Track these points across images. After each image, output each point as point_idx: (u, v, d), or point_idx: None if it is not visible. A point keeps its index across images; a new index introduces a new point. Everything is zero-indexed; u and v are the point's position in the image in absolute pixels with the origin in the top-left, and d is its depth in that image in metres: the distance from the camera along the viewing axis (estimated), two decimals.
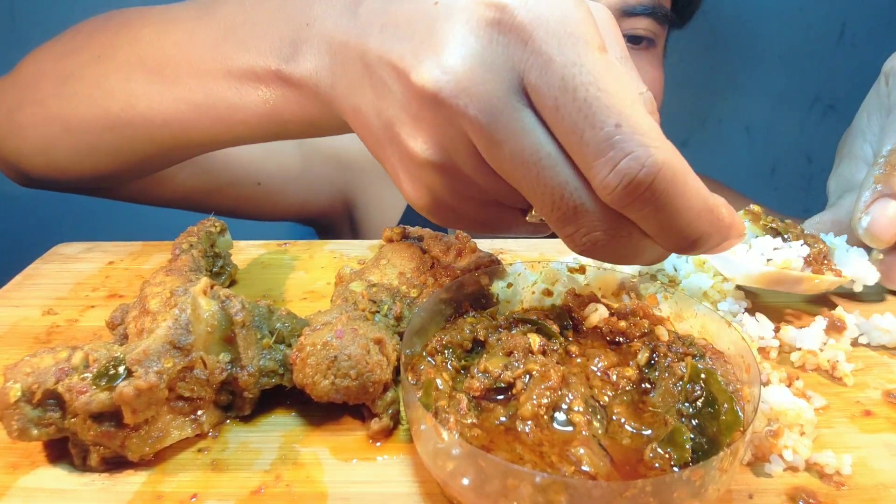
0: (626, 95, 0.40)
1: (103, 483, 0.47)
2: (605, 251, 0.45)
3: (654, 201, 0.40)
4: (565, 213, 0.43)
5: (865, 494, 0.47)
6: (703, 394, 0.46)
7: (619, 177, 0.39)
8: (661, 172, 0.39)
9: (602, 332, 0.53)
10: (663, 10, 0.97)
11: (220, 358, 0.51)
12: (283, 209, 1.15)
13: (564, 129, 0.40)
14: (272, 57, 0.58)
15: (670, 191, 0.39)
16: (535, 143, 0.41)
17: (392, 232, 0.70)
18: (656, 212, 0.40)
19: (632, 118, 0.39)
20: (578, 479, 0.40)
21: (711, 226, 0.42)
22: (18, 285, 0.74)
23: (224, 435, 0.52)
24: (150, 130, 0.70)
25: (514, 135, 0.41)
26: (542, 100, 0.41)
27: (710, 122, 1.63)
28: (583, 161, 0.41)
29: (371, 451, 0.50)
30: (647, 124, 0.39)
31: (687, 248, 0.43)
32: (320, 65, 0.54)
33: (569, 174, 0.42)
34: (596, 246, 0.44)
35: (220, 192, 1.02)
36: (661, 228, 0.42)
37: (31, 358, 0.48)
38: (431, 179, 0.48)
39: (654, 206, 0.40)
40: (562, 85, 0.39)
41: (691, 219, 0.41)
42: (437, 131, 0.45)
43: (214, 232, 0.70)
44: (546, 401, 0.45)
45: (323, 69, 0.54)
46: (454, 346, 0.51)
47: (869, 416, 0.55)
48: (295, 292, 0.73)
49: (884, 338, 0.63)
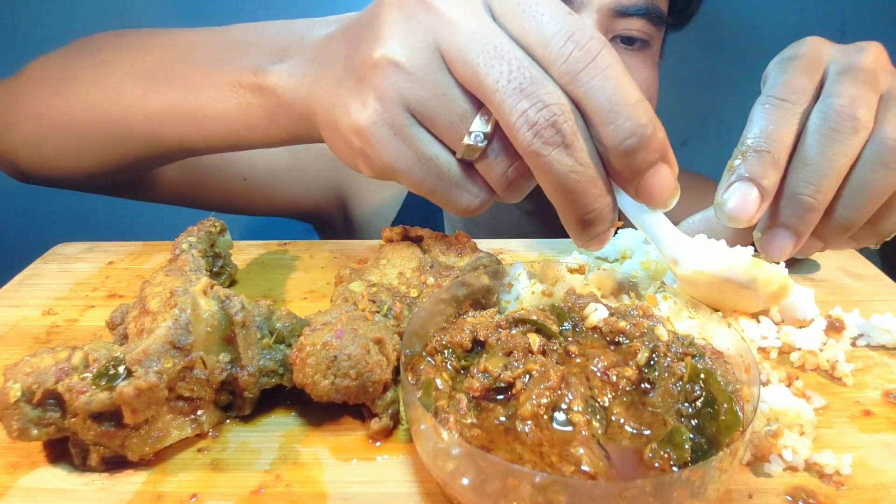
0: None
1: (103, 483, 0.47)
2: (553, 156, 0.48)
3: (602, 69, 0.46)
4: (521, 82, 0.47)
5: (865, 494, 0.47)
6: (702, 394, 0.46)
7: (574, 43, 0.46)
8: (607, 48, 0.47)
9: (602, 332, 0.53)
10: (657, 11, 0.97)
11: (220, 358, 0.51)
12: (273, 204, 1.16)
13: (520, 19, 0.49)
14: (257, 62, 0.64)
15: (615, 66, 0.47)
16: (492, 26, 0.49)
17: (392, 232, 0.70)
18: (605, 80, 0.46)
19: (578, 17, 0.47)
20: (578, 479, 0.40)
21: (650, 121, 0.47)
22: (18, 285, 0.74)
23: (224, 435, 0.52)
24: (131, 127, 0.74)
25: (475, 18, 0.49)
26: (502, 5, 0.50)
27: (710, 122, 1.63)
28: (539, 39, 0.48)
29: (371, 451, 0.50)
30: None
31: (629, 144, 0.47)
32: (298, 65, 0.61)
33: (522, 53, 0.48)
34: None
35: (209, 187, 1.05)
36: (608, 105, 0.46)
37: (31, 358, 0.48)
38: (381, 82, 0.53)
39: (603, 74, 0.46)
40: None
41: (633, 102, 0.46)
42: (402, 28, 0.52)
43: (214, 232, 0.71)
44: (546, 401, 0.45)
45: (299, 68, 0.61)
46: (454, 346, 0.51)
47: (869, 416, 0.55)
48: (295, 292, 0.73)
49: (884, 338, 0.63)
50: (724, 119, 1.62)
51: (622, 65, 0.47)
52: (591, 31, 0.47)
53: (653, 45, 1.02)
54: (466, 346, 0.51)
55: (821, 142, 0.58)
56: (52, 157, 0.82)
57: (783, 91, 0.61)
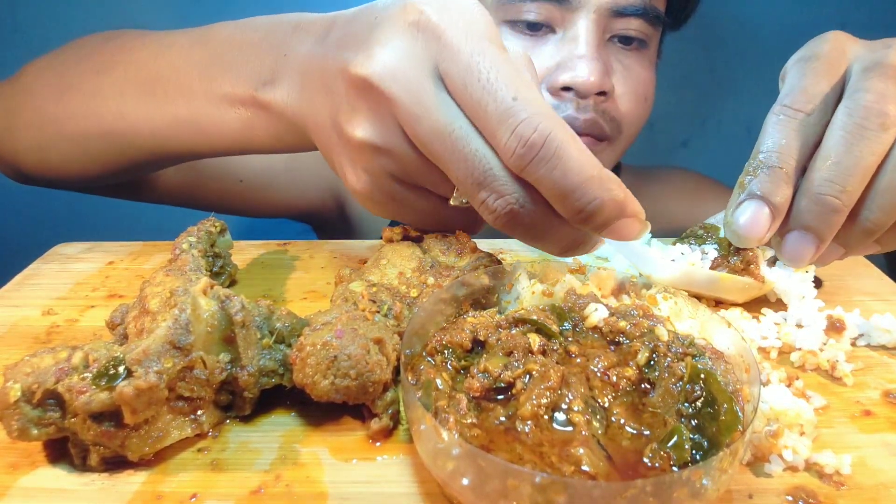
0: (521, 79, 0.49)
1: (103, 483, 0.47)
2: (516, 222, 0.53)
3: (547, 160, 0.47)
4: (477, 178, 0.51)
5: (865, 494, 0.47)
6: (702, 394, 0.46)
7: (517, 139, 0.47)
8: (552, 134, 0.47)
9: (602, 332, 0.53)
10: (655, 11, 0.97)
11: (220, 358, 0.51)
12: (270, 206, 1.17)
13: (472, 104, 0.49)
14: (251, 82, 0.65)
15: (560, 152, 0.47)
16: (448, 117, 0.50)
17: (392, 232, 0.70)
18: (552, 171, 0.48)
19: (527, 94, 0.48)
20: (578, 479, 0.40)
21: (602, 192, 0.48)
22: (18, 285, 0.74)
23: (224, 435, 0.52)
24: (138, 140, 0.77)
25: (431, 110, 0.50)
26: (453, 82, 0.50)
27: (710, 122, 1.63)
28: (488, 129, 0.49)
29: (371, 451, 0.50)
30: (540, 100, 0.48)
31: (584, 216, 0.49)
32: (292, 90, 0.62)
33: (478, 143, 0.50)
34: (505, 213, 0.52)
35: (206, 189, 1.06)
36: (557, 190, 0.48)
37: (31, 358, 0.48)
38: (368, 161, 0.57)
39: (549, 165, 0.47)
40: (468, 69, 0.49)
41: (582, 181, 0.48)
42: (371, 115, 0.54)
43: (214, 232, 0.71)
44: (546, 401, 0.45)
45: (294, 93, 0.62)
46: (454, 346, 0.51)
47: (869, 416, 0.55)
48: (295, 292, 0.73)
49: (884, 338, 0.63)
50: (724, 119, 1.62)
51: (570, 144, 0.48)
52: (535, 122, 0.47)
53: (650, 45, 1.03)
54: (466, 346, 0.51)
55: (846, 139, 0.53)
56: (56, 162, 0.84)
57: (799, 100, 0.57)
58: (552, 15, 0.95)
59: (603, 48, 0.96)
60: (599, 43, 0.95)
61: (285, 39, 0.64)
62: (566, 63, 0.94)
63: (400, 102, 0.51)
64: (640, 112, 1.04)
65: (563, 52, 0.95)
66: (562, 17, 0.95)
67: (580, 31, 0.93)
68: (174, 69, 0.72)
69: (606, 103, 0.98)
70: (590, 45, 0.93)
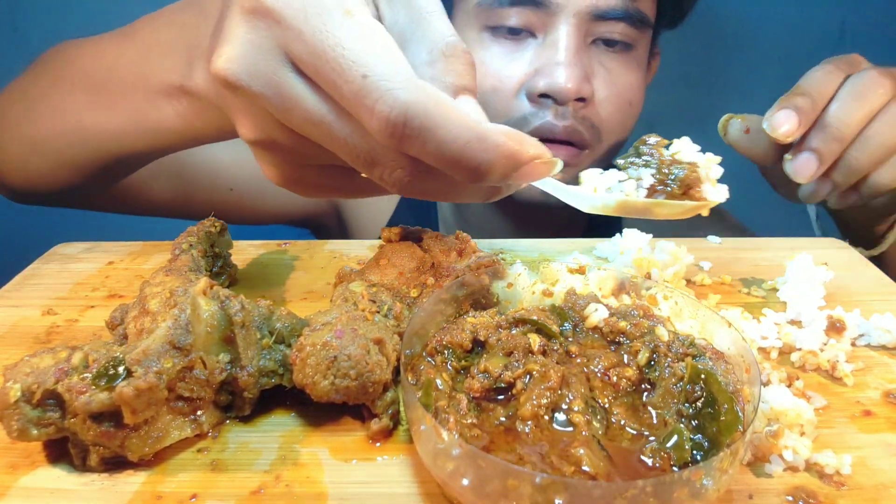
0: (373, 49, 0.44)
1: (103, 483, 0.47)
2: (420, 188, 0.50)
3: (417, 136, 0.44)
4: (365, 159, 0.48)
5: (865, 494, 0.47)
6: (703, 394, 0.46)
7: (378, 120, 0.44)
8: (411, 109, 0.43)
9: (602, 332, 0.53)
10: (638, 14, 0.96)
11: (219, 358, 0.51)
12: (263, 213, 1.18)
13: (329, 87, 0.46)
14: (177, 74, 0.63)
15: (427, 124, 0.43)
16: (313, 105, 0.47)
17: (392, 232, 0.70)
18: (425, 145, 0.44)
19: (377, 66, 0.43)
20: (578, 479, 0.40)
21: (486, 152, 0.45)
22: (18, 285, 0.74)
23: (224, 435, 0.52)
24: (100, 146, 0.77)
25: (296, 102, 0.47)
26: (305, 67, 0.46)
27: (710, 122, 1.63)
28: (351, 111, 0.46)
29: (371, 451, 0.50)
30: (395, 70, 0.44)
31: (476, 176, 0.46)
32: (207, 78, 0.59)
33: (351, 125, 0.47)
34: (406, 184, 0.49)
35: (195, 199, 1.07)
36: (441, 161, 0.45)
37: (31, 358, 0.48)
38: (267, 156, 0.54)
39: (420, 139, 0.44)
40: (314, 51, 0.45)
41: (461, 147, 0.44)
42: (246, 112, 0.51)
43: (214, 232, 0.71)
44: (546, 401, 0.45)
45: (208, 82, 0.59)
46: (454, 346, 0.51)
47: (869, 416, 0.55)
48: (295, 292, 0.73)
49: (884, 338, 0.63)
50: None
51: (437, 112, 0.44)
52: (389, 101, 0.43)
53: (637, 48, 1.01)
54: (466, 346, 0.51)
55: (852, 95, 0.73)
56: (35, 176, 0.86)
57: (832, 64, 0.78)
58: (531, 20, 0.95)
59: (584, 52, 0.95)
60: (579, 47, 0.94)
61: (196, 28, 0.62)
62: (544, 69, 0.94)
63: (263, 97, 0.48)
64: (623, 117, 1.02)
65: (541, 57, 0.95)
66: (541, 21, 0.94)
67: (559, 36, 0.93)
68: (110, 72, 0.73)
69: (586, 109, 0.96)
70: (568, 51, 0.92)
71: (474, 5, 0.98)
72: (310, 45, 0.45)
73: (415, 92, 0.44)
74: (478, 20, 0.98)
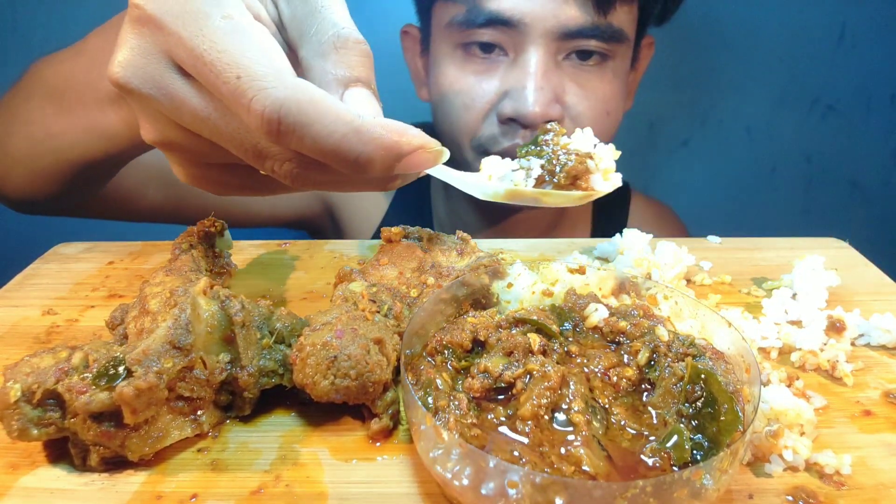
0: (247, 50, 0.46)
1: (103, 483, 0.47)
2: (311, 179, 0.52)
3: (294, 133, 0.46)
4: (253, 153, 0.50)
5: (865, 494, 0.47)
6: (703, 394, 0.46)
7: (254, 118, 0.45)
8: (285, 107, 0.45)
9: (602, 332, 0.53)
10: (611, 30, 0.95)
11: (219, 358, 0.51)
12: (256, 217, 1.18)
13: (210, 87, 0.47)
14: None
15: (302, 120, 0.45)
16: (199, 104, 0.49)
17: (392, 232, 0.70)
18: (303, 140, 0.46)
19: (251, 68, 0.45)
20: (578, 479, 0.40)
21: (364, 145, 0.47)
22: (18, 285, 0.74)
23: (224, 435, 0.52)
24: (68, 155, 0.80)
25: (183, 101, 0.50)
26: (188, 69, 0.48)
27: (710, 122, 1.63)
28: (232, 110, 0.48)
29: (371, 451, 0.50)
30: (268, 70, 0.46)
31: (357, 168, 0.48)
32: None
33: (235, 122, 0.49)
34: (297, 175, 0.51)
35: (188, 204, 1.08)
36: (320, 154, 0.47)
37: (31, 358, 0.48)
38: (172, 156, 0.56)
39: (297, 135, 0.46)
40: (192, 54, 0.47)
41: (338, 142, 0.46)
42: (143, 114, 0.54)
43: (214, 232, 0.70)
44: (546, 401, 0.45)
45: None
46: (454, 346, 0.51)
47: (869, 416, 0.55)
48: (295, 292, 0.73)
49: (884, 338, 0.63)
50: (724, 119, 1.62)
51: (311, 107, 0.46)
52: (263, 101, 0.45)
53: (615, 58, 1.00)
54: (466, 346, 0.51)
55: None
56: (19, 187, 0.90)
57: None
58: (503, 38, 0.95)
59: (553, 72, 0.95)
60: (548, 68, 0.94)
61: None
62: (512, 92, 0.94)
63: (153, 99, 0.50)
64: (602, 127, 1.02)
65: (511, 79, 0.95)
66: (512, 41, 0.95)
67: (529, 57, 0.93)
68: (67, 82, 0.77)
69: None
70: (536, 75, 0.93)
71: (446, 24, 0.98)
72: (188, 48, 0.47)
73: (287, 90, 0.45)
74: (451, 38, 0.99)
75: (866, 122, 1.60)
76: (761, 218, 1.70)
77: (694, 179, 1.69)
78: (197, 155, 0.56)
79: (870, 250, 0.82)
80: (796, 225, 1.46)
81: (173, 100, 0.50)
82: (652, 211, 1.34)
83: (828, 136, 1.62)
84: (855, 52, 1.53)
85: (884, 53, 1.52)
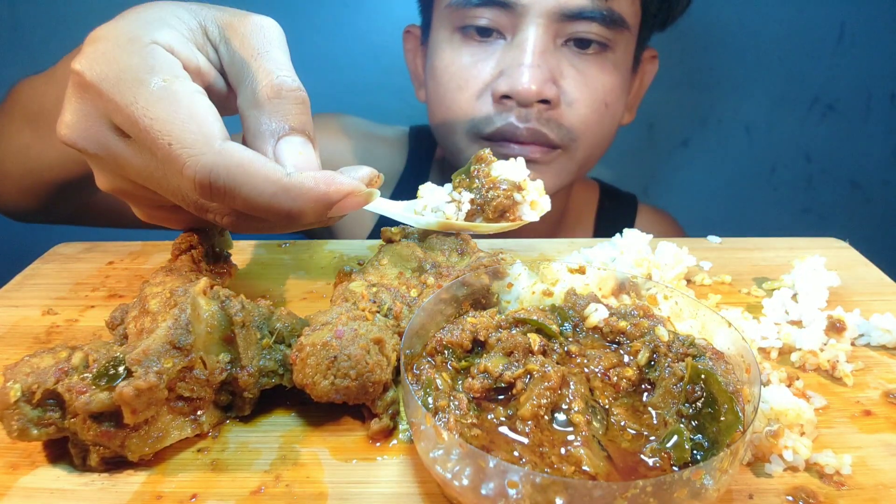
0: (177, 117, 0.48)
1: (103, 483, 0.47)
2: (252, 227, 0.56)
3: (225, 194, 0.48)
4: (195, 207, 0.54)
5: (865, 494, 0.47)
6: (703, 394, 0.46)
7: (188, 182, 0.48)
8: (213, 172, 0.47)
9: (602, 332, 0.53)
10: (612, 15, 0.94)
11: (219, 358, 0.51)
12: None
13: (147, 149, 0.50)
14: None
15: (231, 184, 0.48)
16: (141, 164, 0.52)
17: (392, 232, 0.70)
18: (235, 200, 0.49)
19: (181, 135, 0.48)
20: (578, 479, 0.40)
21: (296, 201, 0.49)
22: (18, 285, 0.74)
23: (224, 435, 0.52)
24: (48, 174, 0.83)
25: (126, 161, 0.53)
26: (127, 131, 0.51)
27: (710, 122, 1.63)
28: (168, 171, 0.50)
29: (371, 451, 0.50)
30: (196, 138, 0.48)
31: (291, 221, 0.51)
32: None
33: (174, 180, 0.51)
34: (238, 225, 0.55)
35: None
36: (254, 211, 0.50)
37: (31, 358, 0.48)
38: (127, 200, 0.60)
39: (229, 196, 0.48)
40: (128, 120, 0.49)
41: (268, 200, 0.49)
42: (94, 166, 0.57)
43: (214, 232, 0.70)
44: (546, 401, 0.45)
45: None
46: (454, 346, 0.51)
47: (869, 416, 0.55)
48: (295, 292, 0.73)
49: (884, 338, 0.63)
50: (724, 119, 1.62)
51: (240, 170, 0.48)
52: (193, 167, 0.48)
53: (615, 49, 0.99)
54: (466, 346, 0.51)
55: None
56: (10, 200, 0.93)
57: None
58: (500, 20, 0.95)
59: (551, 54, 0.94)
60: (546, 49, 0.93)
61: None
62: (508, 70, 0.94)
63: (98, 157, 0.54)
64: (600, 118, 1.01)
65: (507, 59, 0.95)
66: (510, 22, 0.94)
67: (527, 36, 0.93)
68: (41, 106, 0.79)
69: (553, 111, 0.96)
70: (533, 53, 0.92)
71: (445, 6, 0.98)
72: (125, 114, 0.49)
73: (216, 156, 0.48)
74: (449, 21, 0.99)
75: (866, 121, 1.60)
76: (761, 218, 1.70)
77: (694, 179, 1.69)
78: (150, 200, 0.59)
79: (870, 250, 0.82)
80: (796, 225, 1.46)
81: (117, 159, 0.53)
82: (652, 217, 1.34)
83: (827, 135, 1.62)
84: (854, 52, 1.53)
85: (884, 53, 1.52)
